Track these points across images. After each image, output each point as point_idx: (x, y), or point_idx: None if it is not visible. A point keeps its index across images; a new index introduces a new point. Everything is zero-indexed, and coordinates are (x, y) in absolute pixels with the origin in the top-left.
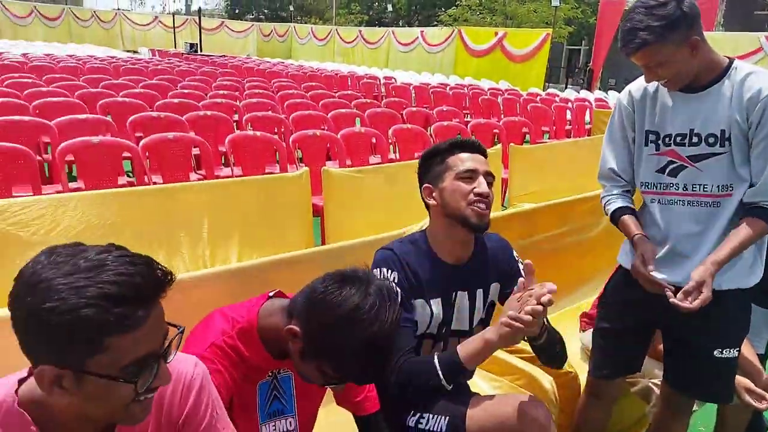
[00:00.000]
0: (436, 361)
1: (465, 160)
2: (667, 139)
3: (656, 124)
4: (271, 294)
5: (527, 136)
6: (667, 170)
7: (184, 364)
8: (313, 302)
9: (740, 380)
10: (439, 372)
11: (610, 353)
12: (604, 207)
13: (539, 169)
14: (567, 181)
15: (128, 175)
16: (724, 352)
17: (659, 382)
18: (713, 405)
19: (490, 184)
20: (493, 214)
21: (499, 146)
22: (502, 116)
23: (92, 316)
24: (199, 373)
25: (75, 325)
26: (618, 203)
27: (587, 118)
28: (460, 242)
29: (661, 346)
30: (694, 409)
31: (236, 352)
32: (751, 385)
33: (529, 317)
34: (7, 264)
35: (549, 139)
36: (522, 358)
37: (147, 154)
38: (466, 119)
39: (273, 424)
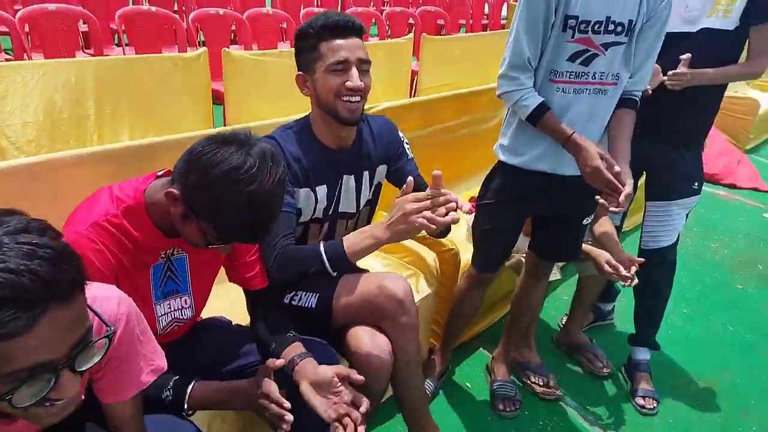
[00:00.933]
0: (322, 249)
1: (336, 50)
2: (583, 25)
3: (577, 8)
4: (159, 173)
5: (443, 30)
6: (581, 58)
7: (107, 305)
8: (189, 163)
9: (601, 254)
10: (325, 260)
11: (497, 251)
12: (516, 102)
13: (450, 62)
14: (477, 75)
15: (6, 53)
16: (588, 219)
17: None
18: (574, 277)
19: (365, 72)
20: (394, 103)
21: (410, 36)
22: (420, 5)
23: None
24: (124, 312)
25: None
26: (538, 98)
27: (504, 12)
28: (338, 130)
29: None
30: (558, 278)
31: (122, 231)
32: (612, 259)
33: (447, 220)
34: None
35: (465, 32)
36: None
37: (26, 28)
38: (383, 7)
39: (168, 302)
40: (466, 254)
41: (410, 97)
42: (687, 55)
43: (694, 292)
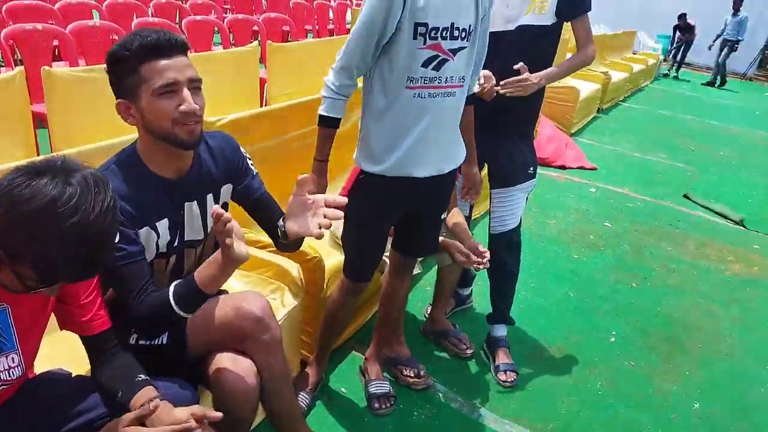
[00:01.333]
0: (170, 295)
1: (162, 71)
2: (433, 32)
3: (426, 16)
4: None
5: (290, 36)
6: (432, 64)
7: None
8: None
9: (453, 244)
10: (174, 307)
11: (370, 259)
12: (328, 98)
13: (299, 68)
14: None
15: None
16: (444, 213)
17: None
18: (434, 269)
19: (197, 91)
20: (241, 114)
21: (255, 44)
22: (264, 12)
23: None
24: None
25: None
26: (341, 113)
27: (348, 17)
28: (175, 156)
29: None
30: (419, 271)
31: None
32: (461, 247)
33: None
34: None
35: (313, 38)
36: (269, 250)
37: None
38: (225, 15)
39: None
40: (330, 259)
41: (262, 106)
42: (520, 64)
43: (537, 266)
